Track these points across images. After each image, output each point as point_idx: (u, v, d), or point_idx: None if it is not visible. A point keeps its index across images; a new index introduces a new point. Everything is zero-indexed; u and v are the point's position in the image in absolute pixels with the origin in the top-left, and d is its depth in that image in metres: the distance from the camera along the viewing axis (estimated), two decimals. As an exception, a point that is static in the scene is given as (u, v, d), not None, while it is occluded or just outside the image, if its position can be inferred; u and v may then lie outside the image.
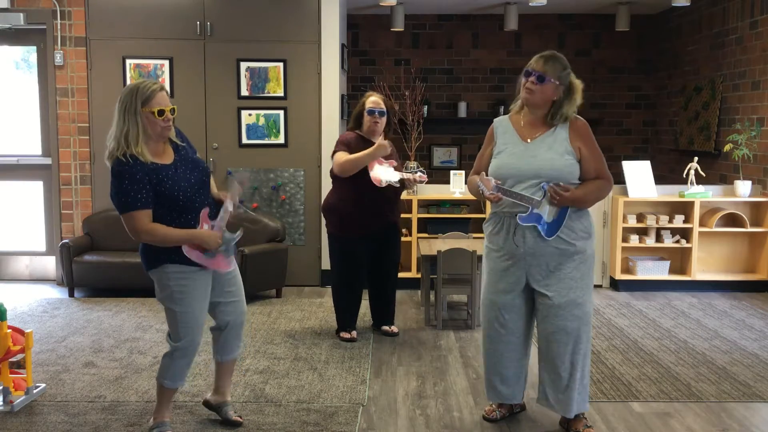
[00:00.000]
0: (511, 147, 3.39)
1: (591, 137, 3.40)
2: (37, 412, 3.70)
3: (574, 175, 3.34)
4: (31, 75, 6.87)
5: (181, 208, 3.15)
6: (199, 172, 3.27)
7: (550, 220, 3.30)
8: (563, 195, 3.26)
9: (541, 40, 9.09)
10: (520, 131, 3.41)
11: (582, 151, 3.35)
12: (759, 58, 6.61)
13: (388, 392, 4.02)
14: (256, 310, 5.73)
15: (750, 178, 6.58)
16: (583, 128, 3.40)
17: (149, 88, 3.10)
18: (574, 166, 3.34)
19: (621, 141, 9.29)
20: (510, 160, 3.36)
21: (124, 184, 3.05)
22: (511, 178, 3.33)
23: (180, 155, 3.25)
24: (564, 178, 3.31)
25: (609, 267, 6.64)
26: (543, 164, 3.30)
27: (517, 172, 3.33)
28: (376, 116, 4.80)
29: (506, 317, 3.46)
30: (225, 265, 3.28)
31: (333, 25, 6.50)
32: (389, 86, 7.23)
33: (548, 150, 3.33)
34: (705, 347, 4.82)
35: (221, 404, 3.56)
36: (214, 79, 6.51)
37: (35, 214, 6.92)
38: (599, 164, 3.39)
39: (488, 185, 3.24)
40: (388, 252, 5.02)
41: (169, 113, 3.13)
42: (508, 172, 3.35)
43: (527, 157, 3.33)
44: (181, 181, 3.17)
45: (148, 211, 3.08)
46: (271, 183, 6.58)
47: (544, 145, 3.34)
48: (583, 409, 3.45)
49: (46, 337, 5.01)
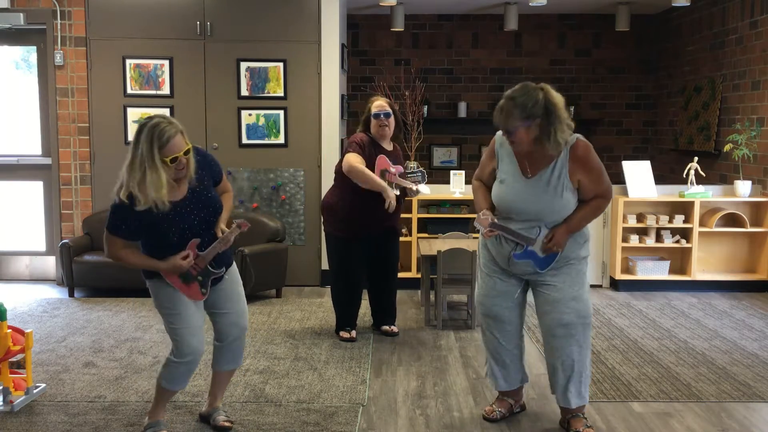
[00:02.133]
0: (512, 181, 3.37)
1: (590, 162, 3.31)
2: (37, 412, 3.70)
3: (569, 209, 3.34)
4: (31, 75, 6.87)
5: (172, 244, 3.14)
6: (207, 212, 3.21)
7: (543, 256, 3.35)
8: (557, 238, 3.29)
9: (541, 40, 9.09)
10: (521, 162, 3.36)
11: (581, 181, 3.33)
12: (759, 58, 6.61)
13: (388, 392, 4.02)
14: (256, 310, 5.73)
15: (750, 178, 6.58)
16: (583, 156, 3.29)
17: (166, 131, 2.98)
18: (572, 201, 3.33)
19: (621, 141, 9.29)
20: (510, 197, 3.36)
21: (114, 215, 3.09)
22: (509, 214, 3.38)
23: (194, 193, 3.18)
24: (560, 216, 3.33)
25: (609, 267, 6.64)
26: (544, 207, 3.30)
27: (517, 211, 3.35)
28: (382, 119, 4.80)
29: (500, 309, 3.50)
30: (198, 295, 3.25)
31: (333, 25, 6.50)
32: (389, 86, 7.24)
33: (547, 189, 3.29)
34: (705, 347, 4.82)
35: (212, 411, 3.54)
36: (214, 79, 6.51)
37: (35, 214, 6.92)
38: (598, 186, 3.35)
39: (485, 223, 3.31)
40: (387, 254, 5.02)
41: (183, 157, 3.04)
42: (507, 205, 3.38)
43: (528, 198, 3.32)
44: (181, 221, 3.14)
45: (125, 242, 3.14)
46: (271, 183, 6.58)
47: (543, 182, 3.30)
48: (581, 402, 3.45)
49: (46, 337, 5.01)
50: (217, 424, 3.46)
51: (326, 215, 4.97)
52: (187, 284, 3.21)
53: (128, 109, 6.54)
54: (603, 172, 3.35)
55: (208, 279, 3.25)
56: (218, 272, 3.26)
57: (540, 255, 3.34)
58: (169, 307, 3.23)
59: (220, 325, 3.40)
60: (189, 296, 3.23)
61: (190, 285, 3.22)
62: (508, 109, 3.19)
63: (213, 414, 3.52)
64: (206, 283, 3.25)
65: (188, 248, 3.16)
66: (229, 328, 3.40)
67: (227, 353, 3.45)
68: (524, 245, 3.33)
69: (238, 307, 3.41)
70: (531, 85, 3.25)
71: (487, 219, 3.31)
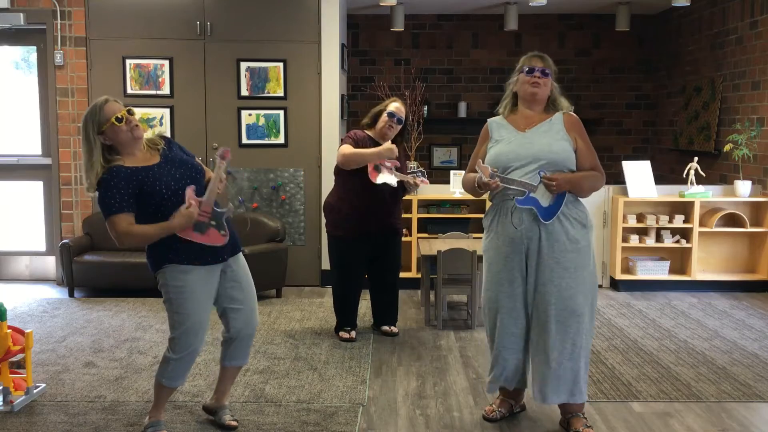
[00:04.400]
0: (508, 137, 3.47)
1: (584, 131, 3.51)
2: (37, 412, 3.70)
3: (570, 160, 3.40)
4: (31, 75, 6.87)
5: (167, 203, 3.14)
6: (187, 168, 3.25)
7: (546, 205, 3.35)
8: (558, 178, 3.31)
9: (541, 40, 9.09)
10: (515, 124, 3.50)
11: (578, 142, 3.44)
12: (759, 58, 6.61)
13: (388, 392, 4.02)
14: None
15: (750, 178, 6.58)
16: (577, 122, 3.50)
17: (96, 106, 3.13)
18: (571, 152, 3.41)
19: (621, 141, 9.29)
20: (507, 147, 3.43)
21: (103, 193, 3.13)
22: (509, 164, 3.39)
23: (166, 157, 3.25)
24: (561, 162, 3.37)
25: (609, 267, 6.64)
26: (541, 148, 3.37)
27: (515, 157, 3.38)
28: (394, 121, 4.80)
29: (506, 310, 3.48)
30: (219, 239, 3.22)
31: (333, 25, 6.50)
32: (389, 86, 7.25)
33: (545, 136, 3.41)
34: (705, 347, 4.82)
35: (218, 408, 3.55)
36: (214, 79, 6.51)
37: (35, 214, 6.92)
38: (593, 158, 3.47)
39: (485, 172, 3.30)
40: (388, 255, 5.02)
41: (126, 115, 3.14)
42: (506, 158, 3.40)
43: (525, 144, 3.40)
44: (164, 176, 3.17)
45: (127, 215, 3.12)
46: (271, 183, 6.58)
47: (540, 132, 3.43)
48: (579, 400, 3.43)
49: (46, 337, 5.01)
50: (224, 423, 3.47)
51: (327, 216, 4.98)
52: (204, 233, 3.17)
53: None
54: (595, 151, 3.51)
55: (221, 220, 3.21)
56: (227, 211, 3.22)
57: (543, 204, 3.33)
58: (177, 299, 3.20)
59: (234, 321, 3.39)
60: (213, 242, 3.18)
61: (207, 233, 3.18)
62: (544, 57, 3.50)
63: (219, 412, 3.52)
64: (222, 225, 3.21)
65: (187, 198, 3.12)
66: (241, 325, 3.39)
67: (237, 349, 3.45)
68: (526, 192, 3.33)
69: (252, 303, 3.42)
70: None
71: (487, 168, 3.31)
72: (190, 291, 3.20)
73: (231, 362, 3.49)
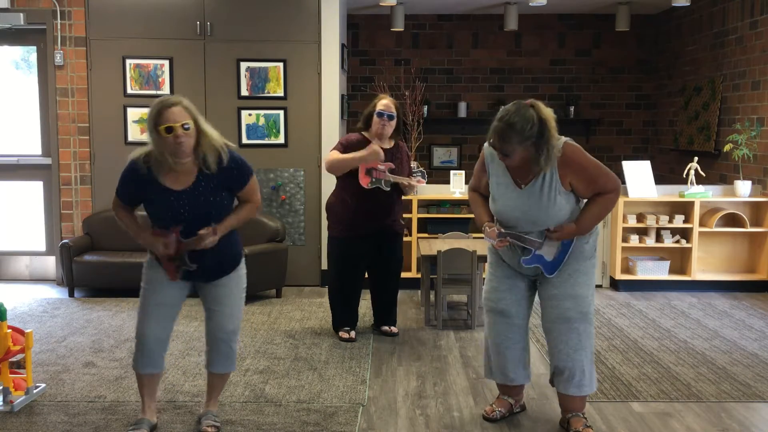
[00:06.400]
0: (505, 192, 3.39)
1: (580, 161, 3.29)
2: (37, 412, 3.70)
3: (568, 213, 3.35)
4: (31, 75, 6.87)
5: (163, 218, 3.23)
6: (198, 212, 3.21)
7: (551, 259, 3.38)
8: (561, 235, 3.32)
9: (541, 40, 9.09)
10: (512, 173, 3.38)
11: (573, 183, 3.32)
12: (759, 58, 6.61)
13: (388, 392, 4.02)
14: (256, 310, 5.73)
15: (750, 178, 6.58)
16: (571, 159, 3.28)
17: (162, 105, 3.09)
18: (568, 205, 3.34)
19: (621, 141, 9.29)
20: (506, 207, 3.39)
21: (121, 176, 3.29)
22: (508, 221, 3.40)
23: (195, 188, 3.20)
24: (558, 220, 3.34)
25: (609, 267, 6.63)
26: (539, 215, 3.32)
27: (513, 219, 3.38)
28: (385, 119, 4.78)
29: (507, 303, 3.51)
30: (171, 275, 3.28)
31: (333, 25, 6.50)
32: (389, 86, 7.24)
33: (540, 197, 3.30)
34: (705, 347, 4.82)
35: (203, 414, 3.53)
36: (214, 79, 6.51)
37: (35, 214, 6.92)
38: (595, 183, 3.31)
39: (492, 235, 3.38)
40: (388, 256, 5.01)
41: (180, 130, 3.08)
42: (505, 216, 3.42)
43: (523, 207, 3.34)
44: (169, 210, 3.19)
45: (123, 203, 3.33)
46: (271, 183, 6.58)
47: (536, 191, 3.31)
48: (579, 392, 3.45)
49: (46, 337, 5.01)
50: (200, 429, 3.44)
51: (328, 216, 5.00)
52: (168, 260, 3.26)
53: (128, 109, 6.54)
54: (599, 169, 3.31)
55: (182, 267, 3.26)
56: (188, 266, 3.25)
57: (548, 259, 3.37)
58: (145, 286, 3.36)
59: (208, 324, 3.43)
60: (166, 271, 3.30)
61: (170, 262, 3.26)
62: (506, 133, 3.18)
63: (202, 417, 3.50)
64: (179, 268, 3.26)
65: (171, 231, 3.19)
66: (213, 328, 3.41)
67: (214, 355, 3.45)
68: (532, 249, 3.36)
69: (227, 309, 3.39)
70: (523, 104, 3.24)
71: (494, 230, 3.38)
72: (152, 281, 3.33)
73: (210, 368, 3.48)
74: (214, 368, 3.48)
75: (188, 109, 3.14)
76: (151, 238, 3.23)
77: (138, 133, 6.43)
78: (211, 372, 3.50)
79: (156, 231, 3.24)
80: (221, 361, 3.46)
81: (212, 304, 3.40)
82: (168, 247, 3.19)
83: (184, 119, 3.10)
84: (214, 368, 3.48)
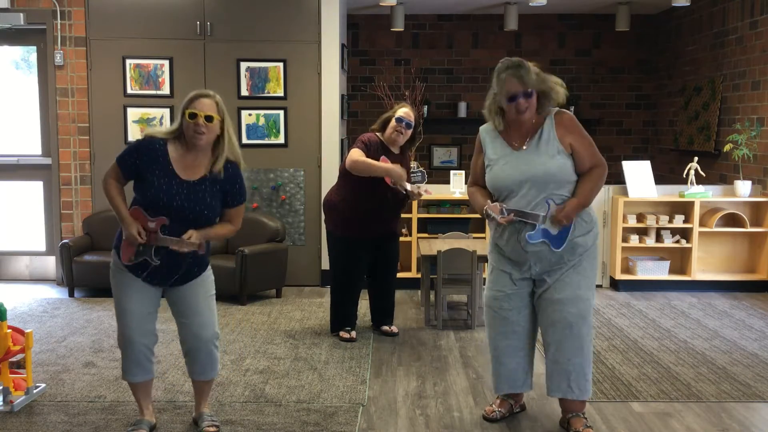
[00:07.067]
0: (503, 157, 3.41)
1: (578, 128, 3.41)
2: (37, 412, 3.70)
3: (567, 173, 3.35)
4: (31, 75, 6.87)
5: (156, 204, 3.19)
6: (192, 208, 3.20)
7: (557, 232, 3.34)
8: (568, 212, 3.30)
9: (541, 40, 9.09)
10: (508, 138, 3.42)
11: (573, 145, 3.36)
12: (759, 58, 6.61)
13: (388, 392, 4.02)
14: (256, 310, 5.73)
15: (750, 178, 6.58)
16: (569, 121, 3.40)
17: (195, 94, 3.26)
18: (567, 164, 3.35)
19: (621, 141, 9.29)
20: (504, 171, 3.38)
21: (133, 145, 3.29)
22: (508, 189, 3.37)
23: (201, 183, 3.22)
24: (559, 179, 3.33)
25: (609, 267, 6.64)
26: (537, 170, 3.32)
27: (512, 182, 3.36)
28: (403, 126, 4.78)
29: (508, 310, 3.50)
30: (125, 256, 3.24)
31: (333, 25, 6.50)
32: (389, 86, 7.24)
33: (539, 154, 3.34)
34: (705, 347, 4.82)
35: (198, 416, 3.53)
36: (214, 79, 6.51)
37: (35, 214, 6.92)
38: (592, 153, 3.39)
39: (496, 210, 3.33)
40: (387, 256, 5.02)
41: (201, 119, 3.17)
42: (503, 183, 3.38)
43: (521, 166, 3.35)
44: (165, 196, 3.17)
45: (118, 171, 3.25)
46: (271, 183, 6.58)
47: (534, 149, 3.35)
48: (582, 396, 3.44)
49: (46, 337, 5.01)
50: (202, 430, 3.44)
51: (328, 214, 4.96)
52: (128, 243, 3.21)
53: (128, 109, 6.54)
54: (592, 142, 3.42)
55: (143, 257, 3.21)
56: (152, 260, 3.21)
57: (552, 232, 3.33)
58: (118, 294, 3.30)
59: (182, 334, 3.40)
60: (122, 252, 3.24)
61: (131, 245, 3.21)
62: (521, 69, 3.28)
63: (199, 420, 3.50)
64: (140, 256, 3.21)
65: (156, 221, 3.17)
66: (189, 338, 3.38)
67: (193, 363, 3.42)
68: (536, 224, 3.32)
69: (199, 318, 3.35)
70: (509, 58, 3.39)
71: (497, 206, 3.33)
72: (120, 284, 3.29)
73: (193, 376, 3.47)
74: (196, 376, 3.46)
75: (219, 105, 3.28)
76: (130, 217, 3.19)
77: (138, 133, 6.43)
78: (193, 380, 3.49)
79: (138, 211, 3.20)
80: (203, 369, 3.43)
81: (182, 317, 3.36)
82: (141, 235, 3.16)
83: (210, 112, 3.21)
84: (197, 376, 3.46)
